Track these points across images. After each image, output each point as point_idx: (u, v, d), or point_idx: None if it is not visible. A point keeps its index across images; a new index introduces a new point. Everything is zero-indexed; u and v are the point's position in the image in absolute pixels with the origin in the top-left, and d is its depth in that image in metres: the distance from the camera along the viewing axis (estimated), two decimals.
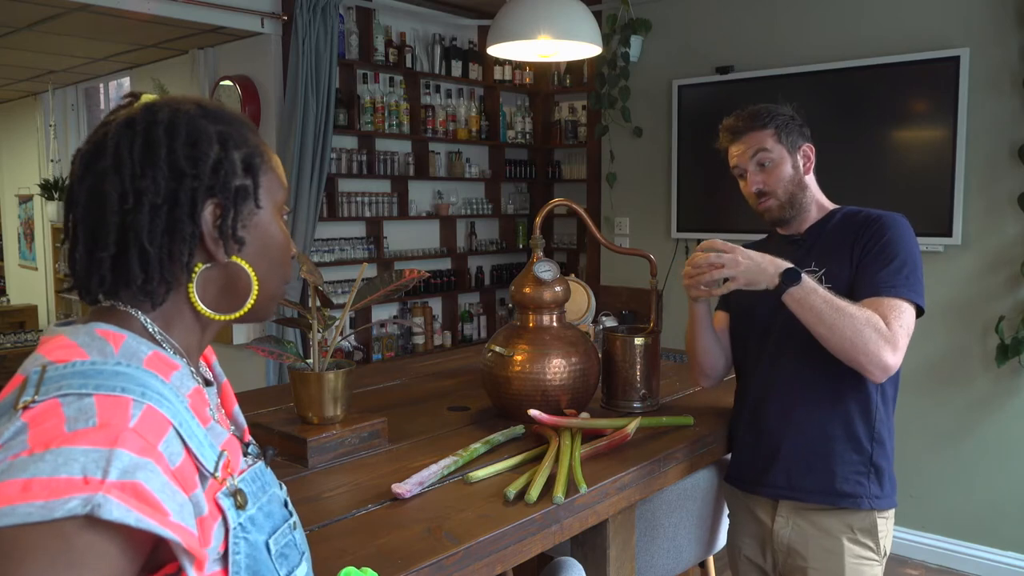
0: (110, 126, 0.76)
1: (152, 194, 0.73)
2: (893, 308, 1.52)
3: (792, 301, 1.51)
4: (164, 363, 0.74)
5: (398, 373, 2.37)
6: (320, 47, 3.64)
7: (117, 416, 0.64)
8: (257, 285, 0.81)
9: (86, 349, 0.70)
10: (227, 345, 3.85)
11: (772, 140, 1.67)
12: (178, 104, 0.78)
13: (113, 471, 0.60)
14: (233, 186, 0.78)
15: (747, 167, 1.69)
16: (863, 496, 1.60)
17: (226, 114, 0.81)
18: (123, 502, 0.60)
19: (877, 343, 1.48)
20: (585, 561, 1.55)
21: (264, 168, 0.82)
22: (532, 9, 2.36)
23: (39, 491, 0.58)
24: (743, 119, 1.70)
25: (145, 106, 0.77)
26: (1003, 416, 3.12)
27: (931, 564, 3.29)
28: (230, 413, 0.89)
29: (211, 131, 0.77)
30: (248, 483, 0.76)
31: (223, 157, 0.77)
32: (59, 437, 0.61)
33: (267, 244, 0.82)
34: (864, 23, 3.39)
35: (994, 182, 3.10)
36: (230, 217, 0.77)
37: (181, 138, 0.75)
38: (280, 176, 0.85)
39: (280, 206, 0.85)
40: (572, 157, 5.12)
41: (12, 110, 6.60)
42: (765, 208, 1.70)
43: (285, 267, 0.86)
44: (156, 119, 0.75)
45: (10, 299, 7.01)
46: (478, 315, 4.94)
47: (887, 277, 1.55)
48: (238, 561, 0.71)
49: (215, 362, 0.92)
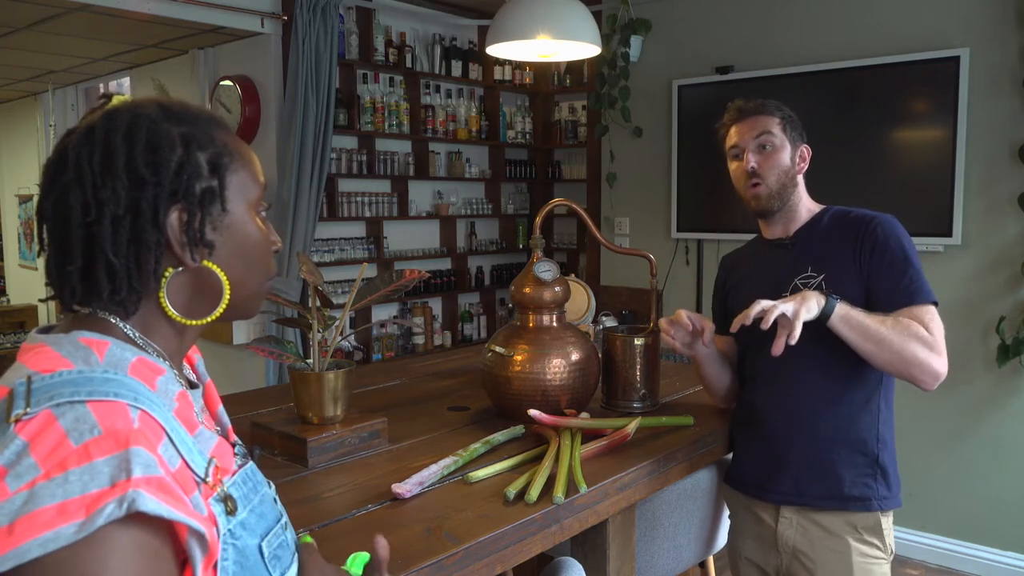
0: (72, 136, 0.75)
1: (113, 204, 0.71)
2: (926, 314, 1.54)
3: (839, 321, 1.50)
4: (149, 368, 0.73)
5: (398, 373, 2.37)
6: (320, 47, 3.64)
7: (119, 420, 0.64)
8: (229, 288, 0.79)
9: (70, 359, 0.69)
10: (227, 345, 3.85)
11: (778, 127, 1.69)
12: (139, 108, 0.75)
13: (136, 468, 0.61)
14: (198, 189, 0.75)
15: (747, 146, 1.68)
16: (872, 498, 1.59)
17: (190, 114, 0.78)
18: (153, 495, 0.60)
19: (925, 353, 1.50)
20: (585, 561, 1.55)
21: (233, 167, 0.79)
22: (532, 9, 2.36)
23: (75, 510, 0.58)
24: (752, 103, 1.72)
25: (105, 113, 0.75)
26: (1004, 416, 3.12)
27: (931, 564, 3.29)
28: (214, 414, 0.89)
29: (173, 133, 0.75)
30: (239, 486, 0.76)
31: (186, 160, 0.74)
32: (72, 454, 0.60)
33: (241, 244, 0.80)
34: (864, 23, 3.39)
35: (994, 182, 3.10)
36: (196, 221, 0.75)
37: (141, 144, 0.73)
38: (254, 172, 0.82)
39: (255, 203, 0.82)
40: (572, 157, 5.12)
41: (12, 110, 6.60)
42: (754, 194, 1.69)
43: (265, 264, 0.84)
44: (115, 126, 0.73)
45: (10, 299, 7.01)
46: (478, 315, 4.94)
47: (909, 285, 1.56)
48: (225, 567, 0.70)
49: (199, 363, 0.90)
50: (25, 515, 0.57)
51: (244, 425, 1.60)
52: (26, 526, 0.57)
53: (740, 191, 1.73)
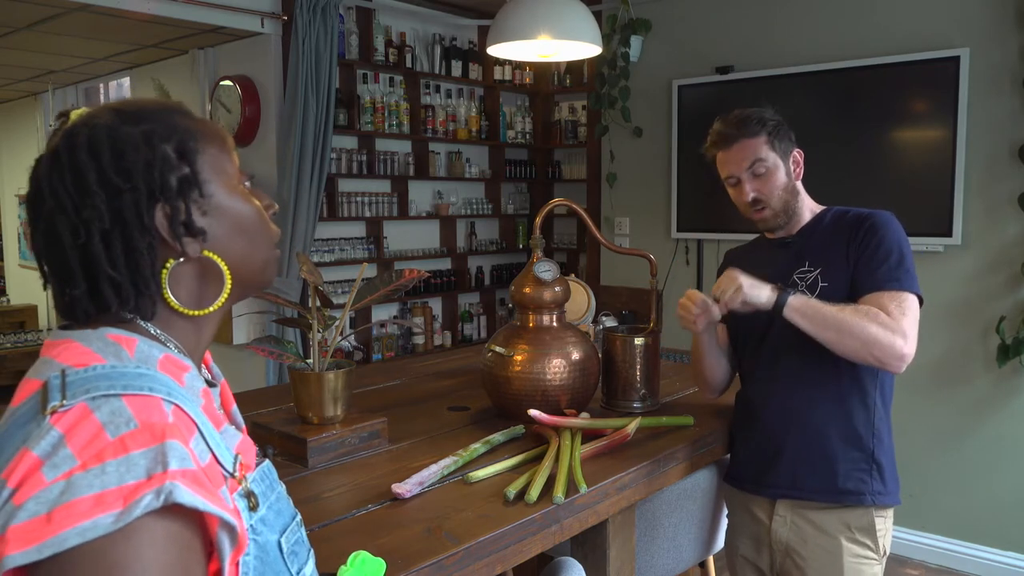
0: (40, 165, 0.75)
1: (98, 221, 0.71)
2: (894, 298, 1.54)
3: (793, 312, 1.53)
4: (175, 365, 0.74)
5: (398, 373, 2.37)
6: (320, 47, 3.64)
7: (155, 414, 0.65)
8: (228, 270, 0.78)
9: (102, 354, 0.70)
10: (227, 345, 3.85)
11: (766, 148, 1.66)
12: (94, 120, 0.74)
13: (172, 461, 0.62)
14: (173, 181, 0.75)
15: (742, 176, 1.68)
16: (866, 493, 1.60)
17: (146, 110, 0.77)
18: (189, 488, 0.61)
19: (885, 335, 1.49)
20: (585, 561, 1.55)
21: (200, 148, 0.78)
22: (532, 9, 2.36)
23: (113, 501, 0.59)
24: (733, 125, 1.68)
25: (64, 134, 0.74)
26: (1004, 416, 3.12)
27: (931, 564, 3.29)
28: (229, 413, 0.90)
29: (134, 134, 0.74)
30: (258, 483, 0.77)
31: (152, 157, 0.74)
32: (109, 446, 0.61)
33: (235, 221, 0.79)
34: (864, 23, 3.39)
35: (994, 182, 3.10)
36: (182, 213, 0.75)
37: (106, 155, 0.72)
38: (225, 147, 0.81)
39: (234, 176, 0.81)
40: (572, 157, 5.12)
41: (12, 110, 6.60)
42: (760, 218, 1.71)
43: (265, 232, 0.83)
44: (76, 143, 0.73)
45: (10, 299, 7.02)
46: (478, 315, 4.94)
47: (886, 272, 1.57)
48: (247, 562, 0.71)
49: (212, 363, 0.92)
50: (63, 504, 0.58)
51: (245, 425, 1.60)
52: (64, 515, 0.57)
53: (744, 214, 1.74)
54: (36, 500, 0.58)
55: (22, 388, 0.69)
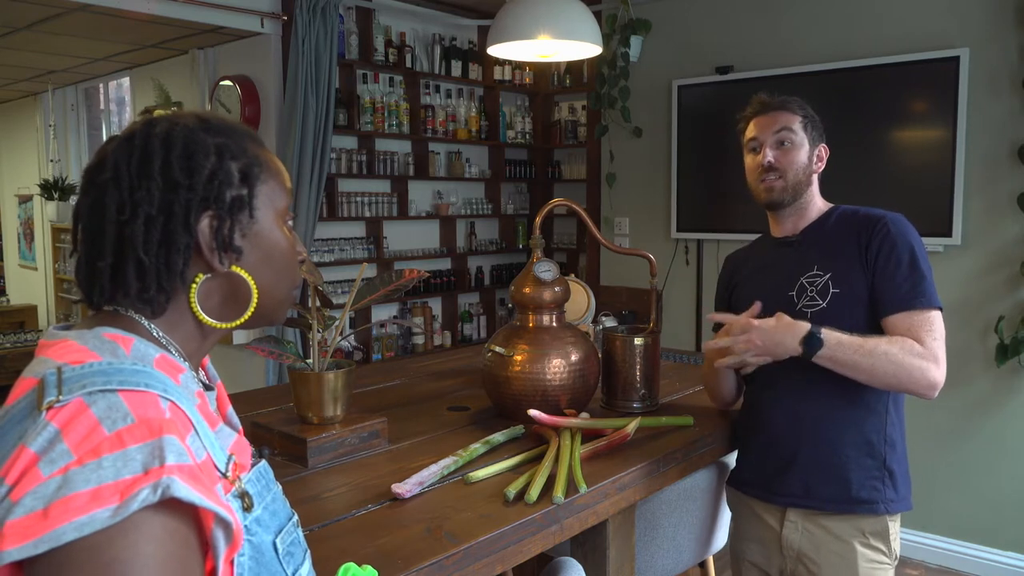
0: (113, 142, 0.78)
1: (147, 205, 0.74)
2: (925, 323, 1.54)
3: (824, 362, 1.51)
4: (171, 366, 0.75)
5: (398, 373, 2.37)
6: (320, 47, 3.64)
7: (151, 410, 0.65)
8: (257, 293, 0.82)
9: (98, 351, 0.70)
10: (227, 345, 3.85)
11: (799, 124, 1.68)
12: (177, 118, 0.79)
13: (169, 456, 0.62)
14: (228, 197, 0.78)
15: (766, 140, 1.67)
16: (879, 501, 1.58)
17: (226, 126, 0.81)
18: (186, 483, 0.61)
19: (920, 367, 1.50)
20: (585, 561, 1.55)
21: (263, 177, 0.82)
22: (532, 9, 2.36)
23: (110, 495, 0.59)
24: (776, 99, 1.71)
25: (146, 120, 0.79)
26: (1003, 416, 3.12)
27: (931, 564, 3.30)
28: (224, 415, 0.90)
29: (208, 143, 0.78)
30: (253, 483, 0.77)
31: (218, 168, 0.78)
32: (106, 441, 0.61)
33: (269, 252, 0.83)
34: (864, 23, 3.39)
35: (994, 182, 3.10)
36: (226, 227, 0.78)
37: (177, 150, 0.76)
38: (283, 182, 0.86)
39: (283, 213, 0.85)
40: (572, 157, 5.12)
41: (12, 110, 6.60)
42: (768, 186, 1.67)
43: (291, 272, 0.87)
44: (153, 132, 0.77)
45: (10, 299, 7.01)
46: (478, 315, 4.95)
47: (911, 288, 1.55)
48: (241, 563, 0.71)
49: (209, 366, 0.92)
50: (60, 499, 0.58)
51: (244, 425, 1.60)
52: (61, 510, 0.58)
53: (752, 184, 1.71)
54: (33, 495, 0.58)
55: (18, 386, 0.70)
